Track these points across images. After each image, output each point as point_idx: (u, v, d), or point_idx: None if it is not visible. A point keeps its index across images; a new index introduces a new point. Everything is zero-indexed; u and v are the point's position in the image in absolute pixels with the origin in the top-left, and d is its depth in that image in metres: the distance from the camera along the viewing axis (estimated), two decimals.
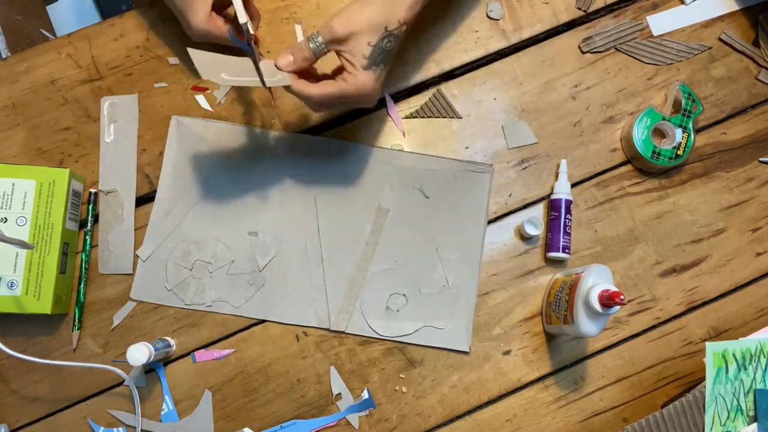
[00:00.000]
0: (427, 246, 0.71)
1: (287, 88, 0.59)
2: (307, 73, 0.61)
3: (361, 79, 0.58)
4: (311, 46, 0.58)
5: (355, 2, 0.58)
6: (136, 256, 0.69)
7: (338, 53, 0.59)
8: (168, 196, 0.70)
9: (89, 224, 0.69)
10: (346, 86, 0.58)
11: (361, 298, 0.69)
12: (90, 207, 0.69)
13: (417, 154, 0.72)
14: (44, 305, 0.64)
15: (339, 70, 0.61)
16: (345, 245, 0.70)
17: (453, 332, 0.69)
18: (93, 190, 0.70)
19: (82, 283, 0.68)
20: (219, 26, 0.65)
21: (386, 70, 0.61)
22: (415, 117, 0.73)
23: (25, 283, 0.64)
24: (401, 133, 0.73)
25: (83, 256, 0.68)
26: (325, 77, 0.62)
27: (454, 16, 0.74)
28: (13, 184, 0.65)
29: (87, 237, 0.69)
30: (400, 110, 0.73)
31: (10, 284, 0.64)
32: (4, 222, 0.64)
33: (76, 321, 0.67)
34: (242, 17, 0.60)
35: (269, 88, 0.65)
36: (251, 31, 0.60)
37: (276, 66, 0.59)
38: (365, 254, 0.70)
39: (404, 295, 0.70)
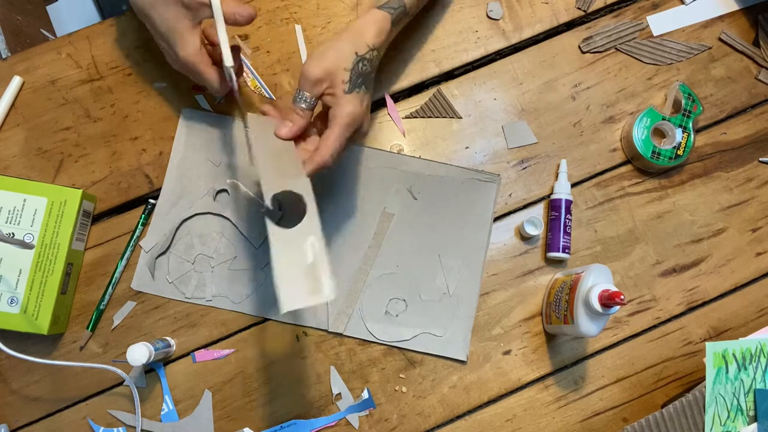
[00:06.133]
0: (430, 253, 0.70)
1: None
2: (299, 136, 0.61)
3: (347, 107, 0.58)
4: (302, 105, 0.59)
5: (320, 46, 0.60)
6: (139, 247, 0.69)
7: (322, 96, 0.59)
8: (174, 188, 0.70)
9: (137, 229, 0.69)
10: (338, 121, 0.58)
11: (361, 301, 0.69)
12: (143, 216, 0.69)
13: (424, 159, 0.72)
14: (41, 325, 0.63)
15: (324, 120, 0.61)
16: (347, 247, 0.70)
17: (451, 340, 0.69)
18: (152, 201, 0.69)
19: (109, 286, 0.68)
20: (206, 61, 0.61)
21: (369, 95, 0.62)
22: (415, 117, 0.73)
23: (25, 301, 0.63)
24: (401, 133, 0.73)
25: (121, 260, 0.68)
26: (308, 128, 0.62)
27: (454, 15, 0.75)
28: (25, 200, 0.64)
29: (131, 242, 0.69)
30: (400, 110, 0.73)
31: (10, 300, 0.63)
32: (12, 237, 0.63)
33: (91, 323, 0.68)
34: (228, 60, 0.58)
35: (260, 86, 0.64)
36: (234, 78, 0.60)
37: (278, 135, 0.59)
38: (367, 257, 0.70)
39: (404, 300, 0.70)
